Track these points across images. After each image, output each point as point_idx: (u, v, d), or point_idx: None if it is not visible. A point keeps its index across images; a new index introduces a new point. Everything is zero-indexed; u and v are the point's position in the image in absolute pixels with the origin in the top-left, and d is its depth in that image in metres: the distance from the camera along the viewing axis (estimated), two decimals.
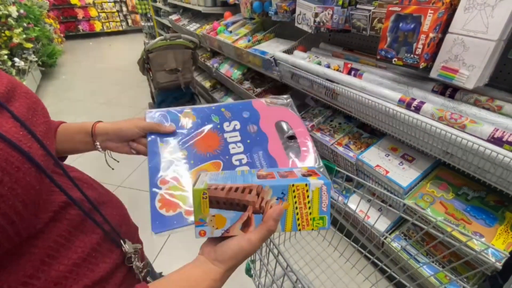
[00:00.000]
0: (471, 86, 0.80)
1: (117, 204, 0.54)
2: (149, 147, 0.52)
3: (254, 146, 0.56)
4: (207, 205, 0.38)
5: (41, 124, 0.39)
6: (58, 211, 0.37)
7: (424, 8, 0.80)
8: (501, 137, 0.75)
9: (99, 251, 0.42)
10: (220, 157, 0.54)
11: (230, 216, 0.39)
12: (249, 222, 0.39)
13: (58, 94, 4.04)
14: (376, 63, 1.24)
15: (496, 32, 0.72)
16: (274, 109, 0.64)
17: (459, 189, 1.02)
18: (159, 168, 0.50)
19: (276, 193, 0.39)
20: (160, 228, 0.43)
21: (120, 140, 0.56)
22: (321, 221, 0.41)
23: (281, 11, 1.53)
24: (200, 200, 0.38)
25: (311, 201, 0.40)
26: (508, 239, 0.84)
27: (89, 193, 0.44)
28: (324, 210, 0.41)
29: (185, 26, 3.26)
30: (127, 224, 0.54)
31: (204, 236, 0.39)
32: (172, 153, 0.52)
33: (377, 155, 1.20)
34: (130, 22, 8.43)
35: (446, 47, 0.82)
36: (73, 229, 0.39)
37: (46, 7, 4.88)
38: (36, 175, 0.33)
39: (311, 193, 0.40)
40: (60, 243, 0.37)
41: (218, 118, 0.59)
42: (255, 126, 0.60)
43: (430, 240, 1.09)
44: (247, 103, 0.63)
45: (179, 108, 0.59)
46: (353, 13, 1.09)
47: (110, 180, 2.12)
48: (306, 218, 0.40)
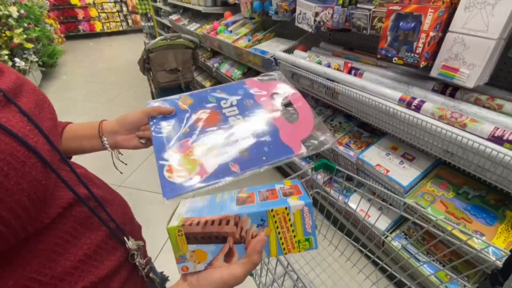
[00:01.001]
0: (471, 85, 0.80)
1: (121, 202, 0.54)
2: (152, 129, 0.54)
3: (253, 116, 0.58)
4: (184, 242, 0.37)
5: (47, 120, 0.39)
6: (65, 208, 0.37)
7: (425, 7, 0.80)
8: (502, 135, 0.75)
9: (104, 248, 0.42)
10: (221, 129, 0.55)
11: (211, 249, 0.38)
12: (232, 252, 0.38)
13: (59, 94, 4.05)
14: (376, 63, 1.24)
15: (497, 31, 0.72)
16: (266, 84, 0.66)
17: (459, 188, 1.02)
18: (164, 144, 0.51)
19: (255, 221, 0.38)
20: (171, 193, 0.44)
21: (127, 129, 0.57)
22: (307, 243, 0.39)
23: (281, 10, 1.53)
24: (176, 237, 0.37)
25: (294, 224, 0.38)
26: (509, 237, 0.84)
27: (95, 190, 0.45)
28: (309, 232, 0.39)
29: (185, 26, 3.26)
30: (131, 223, 0.54)
31: (187, 271, 0.38)
32: (174, 131, 0.54)
33: (377, 154, 1.20)
34: (130, 22, 8.43)
35: (447, 46, 0.82)
36: (79, 226, 0.39)
37: (46, 7, 4.88)
38: (42, 169, 0.33)
39: (292, 216, 0.38)
40: (66, 239, 0.37)
41: (214, 99, 0.61)
42: (251, 100, 0.61)
43: (430, 239, 1.09)
44: (241, 82, 0.66)
45: (177, 95, 0.61)
46: (354, 12, 1.09)
47: (110, 180, 2.09)
48: (291, 241, 0.39)
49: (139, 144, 0.58)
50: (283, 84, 0.65)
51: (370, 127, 1.43)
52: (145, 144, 0.58)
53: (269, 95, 0.63)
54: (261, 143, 0.52)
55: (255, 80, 0.67)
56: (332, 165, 0.74)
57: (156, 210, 1.87)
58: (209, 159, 0.49)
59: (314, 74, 1.29)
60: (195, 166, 0.48)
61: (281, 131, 0.54)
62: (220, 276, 0.37)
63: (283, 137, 0.53)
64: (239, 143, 0.52)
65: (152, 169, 2.27)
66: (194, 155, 0.50)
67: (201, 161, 0.49)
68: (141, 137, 0.58)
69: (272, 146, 0.51)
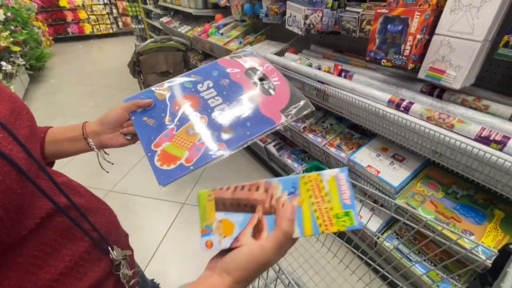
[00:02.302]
0: (458, 86, 0.82)
1: (106, 211, 0.53)
2: (135, 125, 0.56)
3: (232, 94, 0.59)
4: (213, 209, 0.35)
5: (24, 127, 0.38)
6: (44, 218, 0.36)
7: (411, 10, 0.81)
8: (488, 136, 0.77)
9: (87, 259, 0.41)
10: (203, 112, 0.56)
11: (239, 220, 0.35)
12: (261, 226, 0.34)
13: (47, 98, 3.97)
14: (366, 65, 1.25)
15: (482, 33, 0.73)
16: (239, 60, 0.67)
17: (448, 187, 1.03)
18: (149, 136, 0.53)
19: (286, 187, 0.34)
20: (166, 180, 0.46)
21: (110, 128, 0.57)
22: (347, 218, 0.33)
23: (271, 13, 1.53)
24: (205, 203, 0.36)
25: (329, 193, 0.34)
26: (497, 236, 0.85)
27: (77, 199, 0.43)
28: (347, 204, 0.33)
29: (176, 28, 3.24)
30: (116, 232, 0.53)
31: (211, 248, 0.34)
32: (157, 122, 0.55)
33: (368, 155, 1.21)
34: (121, 25, 8.34)
35: (433, 48, 0.84)
36: (59, 237, 0.38)
37: (34, 9, 4.80)
38: (17, 178, 0.31)
39: (327, 184, 0.34)
40: (46, 251, 0.35)
41: (190, 84, 0.62)
42: (226, 79, 0.63)
43: (421, 239, 1.10)
44: (213, 63, 0.67)
45: (152, 87, 0.62)
46: (343, 15, 1.10)
47: (101, 185, 2.09)
48: (328, 215, 0.33)
49: (125, 141, 0.58)
50: (255, 58, 0.67)
51: (361, 128, 1.44)
52: (131, 139, 0.58)
53: (244, 72, 0.64)
54: (243, 119, 0.54)
55: (227, 59, 0.68)
56: (323, 167, 0.74)
57: (148, 215, 1.84)
58: (196, 142, 0.51)
59: (305, 76, 1.30)
60: (184, 151, 0.50)
61: (260, 104, 0.57)
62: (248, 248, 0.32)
63: (262, 110, 0.56)
64: (222, 123, 0.54)
65: (143, 173, 2.24)
66: (181, 141, 0.51)
67: (189, 145, 0.51)
68: (125, 134, 0.58)
69: (254, 120, 0.54)
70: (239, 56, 0.68)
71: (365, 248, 0.85)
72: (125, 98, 0.60)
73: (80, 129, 0.56)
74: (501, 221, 0.89)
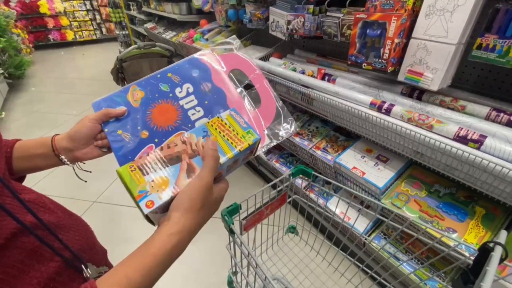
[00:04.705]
0: (435, 88, 0.84)
1: (81, 227, 0.50)
2: (110, 139, 0.51)
3: (214, 106, 0.55)
4: (140, 175, 0.38)
5: None
6: (8, 239, 0.34)
7: (388, 15, 0.83)
8: (466, 135, 0.79)
9: (59, 281, 0.39)
10: (182, 127, 0.53)
11: (170, 172, 0.39)
12: (192, 167, 0.39)
13: (27, 107, 3.83)
14: (348, 68, 1.28)
15: (456, 36, 0.76)
16: (223, 58, 0.61)
17: (431, 186, 1.05)
18: (127, 156, 0.50)
19: (199, 134, 0.43)
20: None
21: (83, 143, 0.52)
22: (250, 135, 0.45)
23: (255, 19, 1.54)
24: (129, 175, 0.38)
25: (231, 125, 0.45)
26: (479, 233, 0.88)
27: (45, 217, 0.41)
28: (245, 126, 0.46)
29: (160, 34, 3.21)
30: (91, 248, 0.50)
31: (152, 206, 0.36)
32: (133, 137, 0.51)
33: (353, 157, 1.22)
34: (104, 31, 8.20)
35: (411, 51, 0.86)
36: (26, 258, 0.35)
37: (13, 17, 4.66)
38: None
39: (226, 120, 0.46)
40: (12, 274, 0.33)
41: (167, 87, 0.56)
42: (208, 83, 0.57)
43: (408, 238, 1.12)
44: (193, 60, 0.59)
45: (123, 88, 0.55)
46: (324, 20, 1.12)
47: (85, 196, 2.02)
48: (237, 138, 0.44)
49: (101, 153, 0.54)
50: (241, 57, 0.61)
51: (345, 130, 1.46)
52: (108, 150, 0.54)
53: (227, 73, 0.59)
54: None
55: (210, 54, 0.61)
56: (308, 171, 0.74)
57: (136, 226, 1.79)
58: None
59: (290, 81, 1.31)
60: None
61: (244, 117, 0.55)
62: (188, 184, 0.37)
63: None
64: None
65: None
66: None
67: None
68: (101, 146, 0.54)
69: None
70: (223, 51, 0.62)
71: (354, 249, 0.85)
72: (93, 102, 0.54)
73: (50, 145, 0.51)
74: (482, 217, 0.91)
